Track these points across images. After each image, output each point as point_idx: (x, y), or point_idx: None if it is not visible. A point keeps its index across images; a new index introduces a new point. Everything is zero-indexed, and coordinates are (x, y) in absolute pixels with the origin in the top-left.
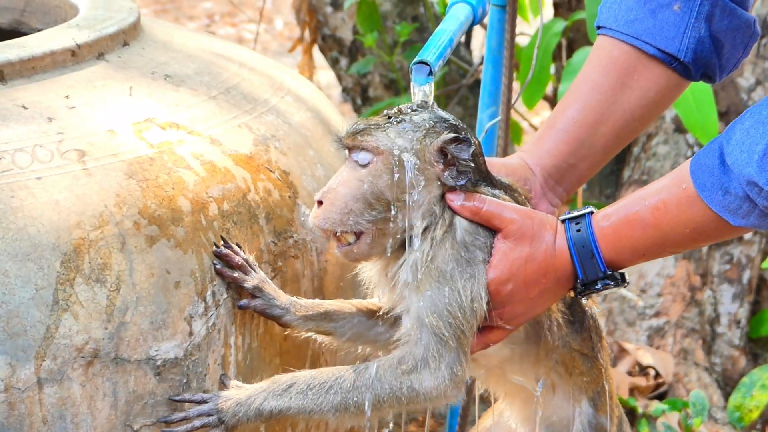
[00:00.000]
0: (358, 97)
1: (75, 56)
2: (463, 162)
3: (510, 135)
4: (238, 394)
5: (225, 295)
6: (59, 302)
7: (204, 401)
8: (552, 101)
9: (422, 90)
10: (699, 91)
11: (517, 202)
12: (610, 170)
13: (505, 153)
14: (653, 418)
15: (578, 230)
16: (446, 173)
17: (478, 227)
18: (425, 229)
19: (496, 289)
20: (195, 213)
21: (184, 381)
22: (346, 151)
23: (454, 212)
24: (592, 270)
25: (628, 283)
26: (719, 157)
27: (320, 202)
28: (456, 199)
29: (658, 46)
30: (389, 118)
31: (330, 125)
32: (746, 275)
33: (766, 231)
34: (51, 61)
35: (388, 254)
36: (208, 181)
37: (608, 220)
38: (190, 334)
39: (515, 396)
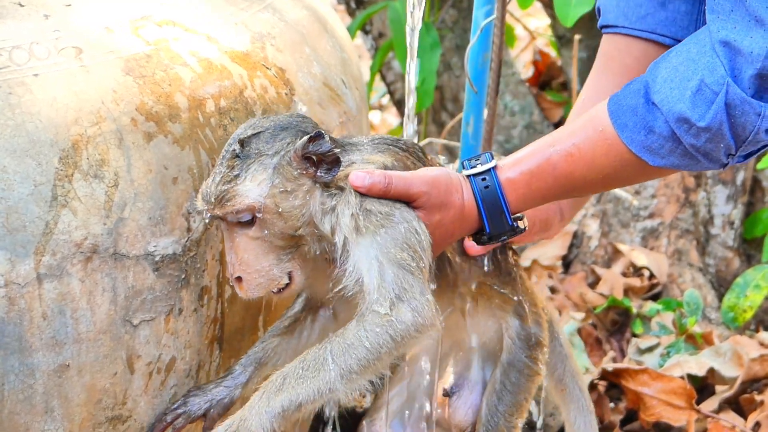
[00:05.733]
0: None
1: None
2: (329, 154)
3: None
4: (238, 415)
5: None
6: (58, 198)
7: None
8: (548, 3)
9: None
10: None
11: (405, 150)
12: None
13: (500, 52)
14: (647, 318)
15: (486, 186)
16: (319, 173)
17: None
18: (335, 221)
19: None
20: (192, 109)
21: (183, 277)
22: (219, 220)
23: (362, 196)
24: (500, 225)
25: (525, 229)
26: (644, 96)
27: (239, 279)
28: (361, 185)
29: (674, 37)
30: (235, 158)
31: (326, 23)
32: (740, 176)
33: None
34: None
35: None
36: (204, 78)
37: (516, 170)
38: (188, 229)
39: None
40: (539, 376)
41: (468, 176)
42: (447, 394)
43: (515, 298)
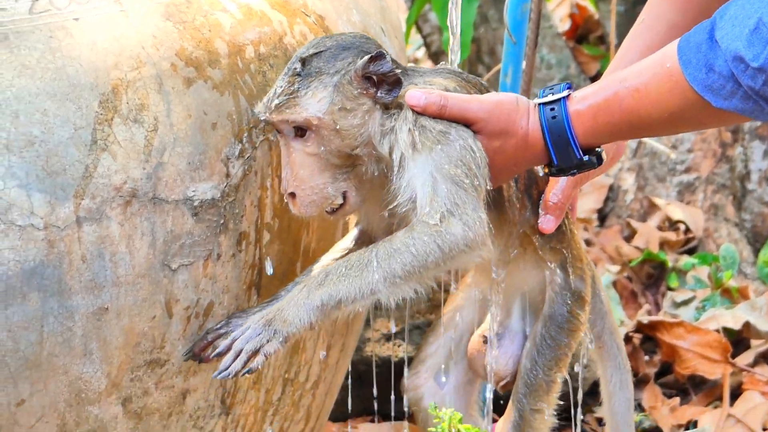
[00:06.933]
0: None
1: None
2: (390, 74)
3: None
4: (276, 305)
5: (261, 137)
6: (98, 142)
7: (246, 329)
8: None
9: None
10: None
11: (468, 82)
12: None
13: (539, 2)
14: (683, 272)
15: (554, 117)
16: (379, 94)
17: None
18: (394, 139)
19: None
20: (232, 55)
21: (221, 222)
22: (276, 131)
23: (418, 114)
24: (567, 158)
25: (605, 160)
26: (709, 32)
27: (292, 195)
28: (416, 103)
29: None
30: (296, 76)
31: None
32: None
33: None
34: None
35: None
36: (244, 24)
37: (585, 103)
38: (227, 175)
39: (483, 272)
40: (580, 332)
41: (538, 105)
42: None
43: (563, 251)
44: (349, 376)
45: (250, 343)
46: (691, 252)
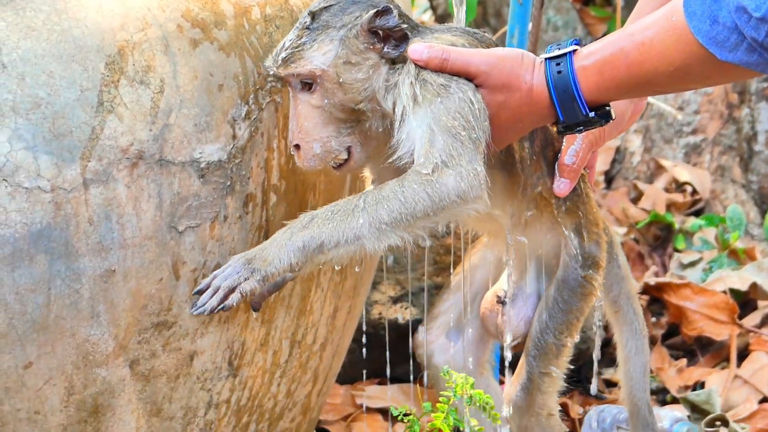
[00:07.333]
0: None
1: None
2: (396, 29)
3: None
4: (259, 245)
5: (268, 99)
6: (104, 104)
7: (227, 267)
8: None
9: None
10: None
11: (480, 41)
12: None
13: None
14: (690, 234)
15: (559, 72)
16: (386, 49)
17: None
18: (397, 94)
19: None
20: (238, 17)
21: (228, 184)
22: (286, 84)
23: (421, 68)
24: (573, 114)
25: (613, 119)
26: None
27: (297, 146)
28: (419, 58)
29: None
30: (306, 29)
31: None
32: None
33: None
34: None
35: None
36: None
37: (591, 58)
38: (234, 137)
39: (497, 235)
40: (593, 297)
41: (544, 60)
42: (501, 301)
43: (579, 212)
44: (364, 339)
45: (228, 280)
46: (697, 213)
